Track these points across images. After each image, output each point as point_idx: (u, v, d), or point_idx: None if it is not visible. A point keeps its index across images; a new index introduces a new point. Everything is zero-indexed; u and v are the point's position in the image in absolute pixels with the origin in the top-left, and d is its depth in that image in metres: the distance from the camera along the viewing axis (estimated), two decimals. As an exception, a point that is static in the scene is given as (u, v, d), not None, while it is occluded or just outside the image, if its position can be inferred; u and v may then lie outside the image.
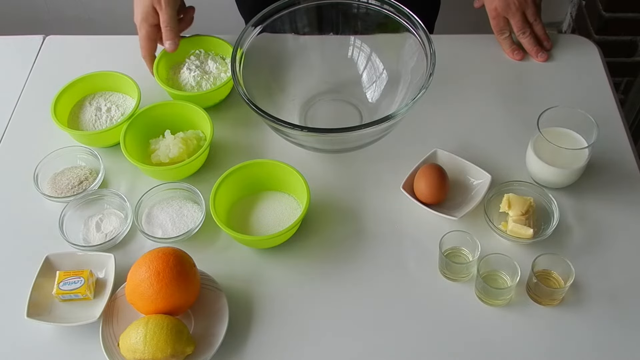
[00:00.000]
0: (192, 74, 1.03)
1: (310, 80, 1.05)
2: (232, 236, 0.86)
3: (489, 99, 1.05)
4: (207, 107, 1.00)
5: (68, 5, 2.02)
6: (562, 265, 0.82)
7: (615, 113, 1.02)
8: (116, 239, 0.89)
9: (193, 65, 1.04)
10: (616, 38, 1.73)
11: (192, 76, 1.03)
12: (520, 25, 1.08)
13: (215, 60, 1.05)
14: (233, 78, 0.91)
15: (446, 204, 0.91)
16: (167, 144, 0.95)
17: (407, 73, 0.98)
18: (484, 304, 0.83)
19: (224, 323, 0.80)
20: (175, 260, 0.79)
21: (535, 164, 0.91)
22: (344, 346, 0.81)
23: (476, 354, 0.79)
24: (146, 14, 0.99)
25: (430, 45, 0.92)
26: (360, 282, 0.86)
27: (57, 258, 0.86)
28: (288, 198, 0.93)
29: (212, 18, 1.10)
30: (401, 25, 0.97)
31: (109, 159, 0.99)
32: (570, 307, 0.82)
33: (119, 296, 0.83)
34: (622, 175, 0.95)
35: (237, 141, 1.01)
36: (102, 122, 1.01)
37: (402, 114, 0.87)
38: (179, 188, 0.93)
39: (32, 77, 1.12)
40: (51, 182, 0.96)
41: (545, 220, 0.89)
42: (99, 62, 1.09)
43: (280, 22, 1.00)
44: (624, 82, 1.84)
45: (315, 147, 0.96)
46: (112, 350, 0.78)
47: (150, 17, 0.99)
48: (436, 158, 0.95)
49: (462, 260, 0.86)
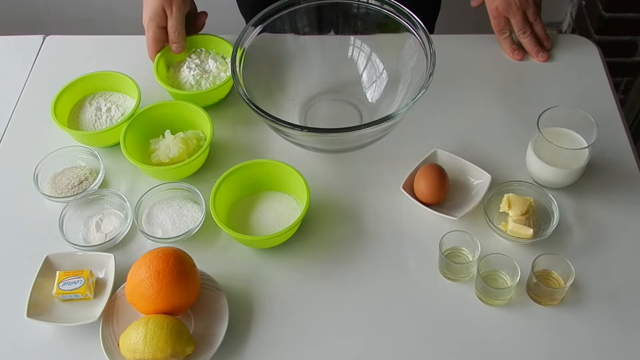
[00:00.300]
0: (192, 73, 1.03)
1: (310, 80, 1.05)
2: (232, 236, 0.86)
3: (489, 99, 1.05)
4: (206, 107, 1.01)
5: (68, 5, 2.02)
6: (562, 265, 0.82)
7: (615, 113, 1.02)
8: (116, 239, 0.89)
9: (193, 64, 1.04)
10: (616, 38, 1.73)
11: (191, 75, 1.03)
12: (521, 25, 1.08)
13: (216, 60, 1.06)
14: (233, 78, 0.91)
15: (446, 204, 0.91)
16: (167, 144, 0.95)
17: (407, 73, 0.98)
18: (484, 304, 0.83)
19: (224, 323, 0.80)
20: (175, 260, 0.79)
21: (535, 164, 0.91)
22: (344, 346, 0.81)
23: (476, 354, 0.79)
24: (155, 15, 0.99)
25: (430, 45, 0.92)
26: (360, 282, 0.86)
27: (57, 258, 0.86)
28: (288, 198, 0.93)
29: (212, 18, 1.10)
30: (401, 25, 0.97)
31: (109, 159, 0.99)
32: (570, 307, 0.82)
33: (119, 296, 0.83)
34: (622, 175, 0.95)
35: (237, 141, 1.01)
36: (102, 122, 1.01)
37: (402, 114, 0.87)
38: (179, 188, 0.93)
39: (32, 77, 1.12)
40: (51, 182, 0.96)
41: (545, 220, 0.89)
42: (99, 62, 1.09)
43: (280, 22, 1.00)
44: (624, 82, 1.84)
45: (315, 147, 0.96)
46: (112, 350, 0.78)
47: (159, 18, 0.99)
48: (436, 158, 0.95)
49: (462, 260, 0.86)
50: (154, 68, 1.02)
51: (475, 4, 1.11)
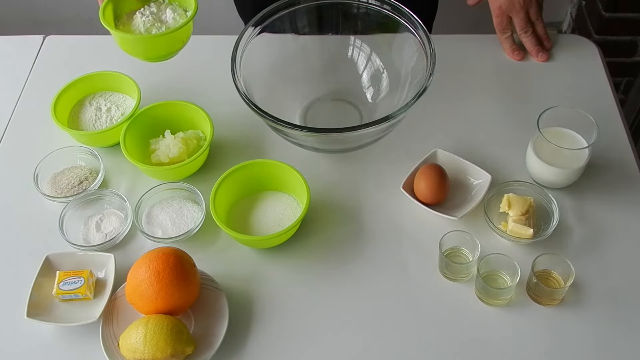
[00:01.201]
0: (143, 19, 0.94)
1: (310, 80, 1.05)
2: (232, 236, 0.86)
3: (489, 99, 1.05)
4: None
5: (68, 5, 2.02)
6: (562, 265, 0.82)
7: (615, 113, 1.02)
8: (116, 239, 0.89)
9: (148, 11, 0.95)
10: (616, 38, 1.73)
11: (142, 21, 0.94)
12: (523, 24, 1.08)
13: (175, 11, 0.97)
14: (233, 78, 0.91)
15: (446, 204, 0.91)
16: (167, 144, 0.95)
17: (407, 73, 0.98)
18: (484, 304, 0.83)
19: (224, 323, 0.80)
20: (175, 260, 0.79)
21: (535, 164, 0.91)
22: (344, 346, 0.81)
23: (476, 354, 0.79)
24: None
25: (430, 45, 0.92)
26: (360, 282, 0.86)
27: (57, 258, 0.86)
28: (288, 198, 0.93)
29: (212, 18, 1.10)
30: (401, 25, 0.97)
31: (109, 159, 0.99)
32: (570, 307, 0.82)
33: (119, 296, 0.83)
34: (622, 175, 0.95)
35: (237, 141, 1.01)
36: (102, 122, 1.01)
37: (402, 114, 0.87)
38: (179, 188, 0.93)
39: (32, 77, 1.12)
40: (51, 182, 0.96)
41: (545, 220, 0.89)
42: (99, 62, 1.10)
43: (280, 22, 1.00)
44: (624, 82, 1.84)
45: (315, 147, 0.96)
46: (112, 350, 0.78)
47: None
48: (436, 158, 0.95)
49: (462, 260, 0.86)
50: (100, 12, 0.93)
51: (472, 2, 1.11)
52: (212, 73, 1.09)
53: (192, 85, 1.09)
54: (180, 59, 1.14)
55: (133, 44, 0.94)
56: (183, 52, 1.15)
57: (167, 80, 1.10)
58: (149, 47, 0.95)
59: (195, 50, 1.15)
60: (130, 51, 0.95)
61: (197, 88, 1.08)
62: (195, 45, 1.12)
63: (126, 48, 0.95)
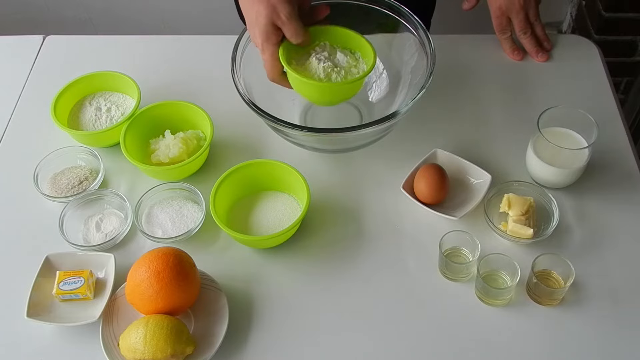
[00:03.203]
0: (322, 65, 0.88)
1: (311, 80, 1.05)
2: (232, 236, 0.86)
3: (489, 99, 1.05)
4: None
5: (68, 5, 2.02)
6: (562, 265, 0.82)
7: (615, 113, 1.02)
8: (116, 239, 0.89)
9: (322, 55, 0.90)
10: (616, 38, 1.73)
11: (322, 67, 0.88)
12: (523, 25, 1.08)
13: (345, 53, 0.91)
14: (233, 78, 0.91)
15: (446, 204, 0.91)
16: (167, 144, 0.95)
17: (407, 73, 0.98)
18: (484, 304, 0.83)
19: (224, 323, 0.80)
20: (175, 260, 0.79)
21: (535, 164, 0.91)
22: (344, 346, 0.81)
23: (476, 354, 0.79)
24: (267, 33, 0.85)
25: (430, 45, 0.92)
26: (360, 282, 0.86)
27: (57, 258, 0.86)
28: (288, 198, 0.93)
29: (213, 18, 1.10)
30: (401, 25, 0.97)
31: (109, 159, 0.99)
32: (570, 307, 0.82)
33: (119, 296, 0.83)
34: (622, 175, 0.95)
35: (237, 141, 1.01)
36: (102, 122, 1.01)
37: (402, 114, 0.87)
38: (179, 188, 0.93)
39: (32, 77, 1.12)
40: (51, 182, 0.96)
41: (545, 220, 0.89)
42: (99, 62, 1.10)
43: (280, 22, 0.99)
44: (624, 82, 1.84)
45: (315, 147, 0.96)
46: (112, 350, 0.78)
47: (272, 36, 0.86)
48: (436, 158, 0.95)
49: (462, 260, 0.86)
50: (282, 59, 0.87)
51: (467, 7, 1.11)
52: (212, 73, 1.09)
53: (192, 85, 1.09)
54: (180, 59, 1.14)
55: (324, 90, 0.88)
56: (183, 52, 1.15)
57: (167, 80, 1.10)
58: (343, 92, 0.90)
59: (195, 50, 1.16)
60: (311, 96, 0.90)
61: (197, 88, 1.08)
62: (195, 45, 1.12)
63: (309, 93, 0.90)
